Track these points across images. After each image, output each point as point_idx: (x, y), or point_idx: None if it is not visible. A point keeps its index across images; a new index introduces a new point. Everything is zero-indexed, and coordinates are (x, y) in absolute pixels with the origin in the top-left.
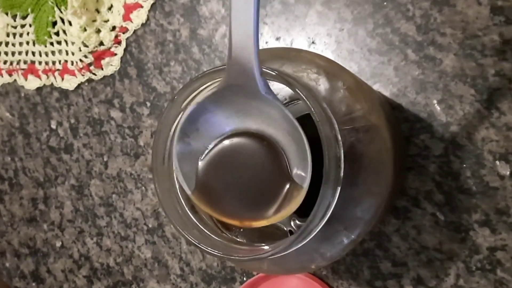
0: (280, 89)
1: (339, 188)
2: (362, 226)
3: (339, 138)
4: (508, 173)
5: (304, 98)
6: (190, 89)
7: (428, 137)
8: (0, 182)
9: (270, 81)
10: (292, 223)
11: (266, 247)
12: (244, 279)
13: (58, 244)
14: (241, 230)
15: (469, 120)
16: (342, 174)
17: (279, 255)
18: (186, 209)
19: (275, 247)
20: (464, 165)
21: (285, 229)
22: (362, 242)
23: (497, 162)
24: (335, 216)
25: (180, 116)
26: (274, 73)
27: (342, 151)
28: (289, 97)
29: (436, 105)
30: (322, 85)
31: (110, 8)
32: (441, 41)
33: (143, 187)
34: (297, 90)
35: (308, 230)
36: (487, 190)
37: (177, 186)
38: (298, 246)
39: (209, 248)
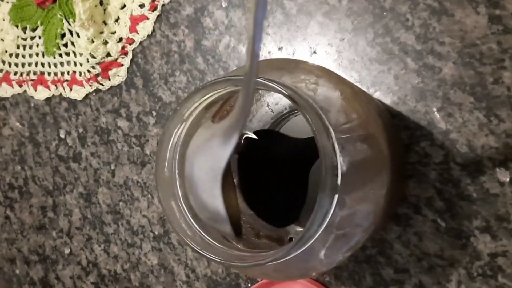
0: (280, 98)
1: (336, 196)
2: (360, 233)
3: (336, 147)
4: (507, 179)
5: (301, 108)
6: (192, 101)
7: (428, 145)
8: (11, 190)
9: (270, 91)
10: (293, 231)
11: (267, 254)
12: (249, 285)
13: (67, 251)
14: (245, 236)
15: (468, 127)
16: (339, 182)
17: (278, 261)
18: (189, 216)
19: (274, 254)
20: (464, 172)
21: (288, 236)
22: (364, 249)
23: (497, 169)
24: (333, 223)
25: (182, 126)
26: (272, 84)
27: (339, 159)
28: (289, 106)
29: (435, 113)
30: (319, 95)
31: (117, 20)
32: (440, 50)
33: (149, 195)
34: (294, 100)
35: (306, 237)
36: (487, 197)
37: (180, 194)
38: (296, 253)
39: (211, 255)
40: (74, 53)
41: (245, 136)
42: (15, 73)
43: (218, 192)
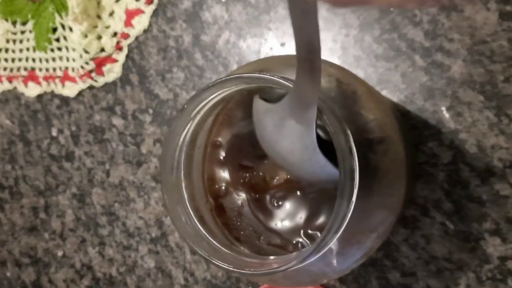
0: None
1: (354, 201)
2: (374, 239)
3: (354, 150)
4: None
5: (320, 109)
6: (200, 99)
7: (436, 145)
8: (1, 190)
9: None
10: (302, 235)
11: (278, 260)
12: None
13: (60, 253)
14: (248, 239)
15: (478, 127)
16: (356, 186)
17: (293, 268)
18: (195, 220)
19: (288, 261)
20: (474, 173)
21: (293, 241)
22: None
23: (507, 170)
24: (349, 229)
25: (189, 125)
26: (287, 83)
27: (356, 163)
28: None
29: (444, 112)
30: (335, 94)
31: (111, 14)
32: (449, 47)
33: (146, 196)
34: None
35: (323, 243)
36: (497, 199)
37: (186, 197)
38: (312, 260)
39: (220, 262)
40: (67, 48)
41: None
42: (5, 69)
43: (323, 160)
